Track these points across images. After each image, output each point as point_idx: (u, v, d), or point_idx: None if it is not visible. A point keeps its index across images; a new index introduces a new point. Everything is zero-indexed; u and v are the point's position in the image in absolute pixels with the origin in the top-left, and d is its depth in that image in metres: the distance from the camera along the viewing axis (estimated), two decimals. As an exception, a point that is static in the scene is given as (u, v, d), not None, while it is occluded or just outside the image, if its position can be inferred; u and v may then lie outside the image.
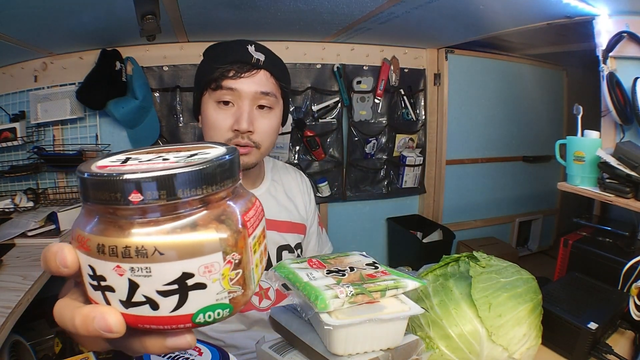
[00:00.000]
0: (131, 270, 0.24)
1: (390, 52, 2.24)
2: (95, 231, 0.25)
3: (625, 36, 1.12)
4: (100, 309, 0.26)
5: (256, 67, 0.79)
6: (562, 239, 1.38)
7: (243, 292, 0.27)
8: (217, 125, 0.80)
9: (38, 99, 1.82)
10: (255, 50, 0.81)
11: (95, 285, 0.26)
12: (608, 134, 1.19)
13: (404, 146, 2.38)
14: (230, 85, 0.78)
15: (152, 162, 0.27)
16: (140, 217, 0.25)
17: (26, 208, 1.74)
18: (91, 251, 0.25)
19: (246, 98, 0.79)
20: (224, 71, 0.78)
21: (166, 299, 0.25)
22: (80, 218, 0.27)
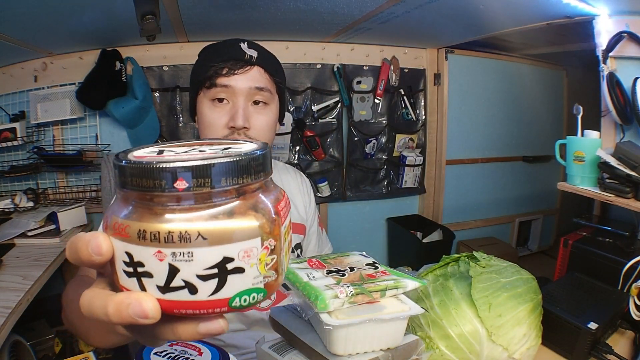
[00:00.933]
0: (172, 255, 0.25)
1: (390, 52, 2.24)
2: (134, 217, 0.26)
3: (625, 36, 1.12)
4: (135, 295, 0.26)
5: (249, 64, 0.79)
6: (562, 239, 1.38)
7: (276, 278, 0.29)
8: (213, 123, 0.80)
9: (38, 99, 1.81)
10: (248, 47, 0.81)
11: (131, 272, 0.26)
12: (608, 134, 1.19)
13: (404, 146, 2.38)
14: (224, 83, 0.78)
15: (190, 154, 0.28)
16: (180, 204, 0.26)
17: (26, 208, 1.74)
18: (130, 237, 0.25)
19: (240, 94, 0.79)
20: (217, 69, 0.78)
21: (205, 282, 0.26)
22: (115, 206, 0.28)
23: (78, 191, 1.92)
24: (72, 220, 1.71)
